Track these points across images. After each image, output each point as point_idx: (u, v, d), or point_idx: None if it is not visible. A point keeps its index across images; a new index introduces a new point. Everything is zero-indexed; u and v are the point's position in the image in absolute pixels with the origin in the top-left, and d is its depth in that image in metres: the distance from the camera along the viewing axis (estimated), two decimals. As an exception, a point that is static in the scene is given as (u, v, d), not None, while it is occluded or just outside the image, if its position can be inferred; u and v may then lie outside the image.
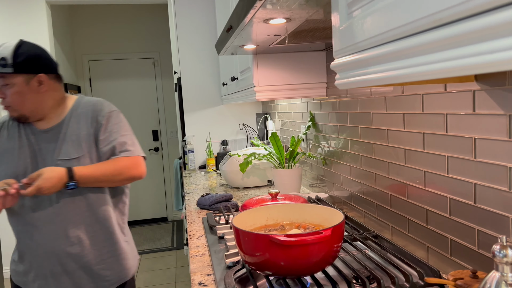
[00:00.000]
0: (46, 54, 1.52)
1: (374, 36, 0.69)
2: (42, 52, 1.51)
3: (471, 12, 0.46)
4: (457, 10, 0.48)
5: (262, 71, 1.90)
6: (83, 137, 1.51)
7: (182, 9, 3.30)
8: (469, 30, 0.47)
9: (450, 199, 1.06)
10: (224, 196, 2.01)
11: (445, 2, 0.49)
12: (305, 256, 0.98)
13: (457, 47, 0.50)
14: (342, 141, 1.76)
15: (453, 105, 1.02)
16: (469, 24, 0.47)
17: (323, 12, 1.07)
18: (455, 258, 1.07)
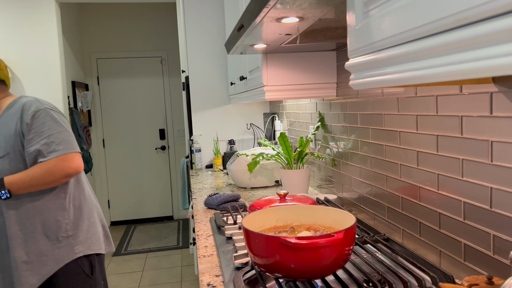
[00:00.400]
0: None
1: (392, 35, 0.67)
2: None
3: (498, 12, 0.45)
4: (483, 9, 0.46)
5: (271, 71, 1.88)
6: (8, 136, 1.56)
7: (191, 8, 3.29)
8: (495, 30, 0.45)
9: (465, 202, 1.04)
10: (232, 196, 2.00)
11: (471, 1, 0.47)
12: (316, 259, 0.96)
13: (482, 47, 0.48)
14: (351, 142, 1.74)
15: (469, 107, 1.00)
16: (495, 24, 0.45)
17: (337, 11, 1.06)
18: (469, 263, 1.05)
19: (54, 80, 4.03)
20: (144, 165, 5.50)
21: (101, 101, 5.43)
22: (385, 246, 1.31)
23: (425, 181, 1.21)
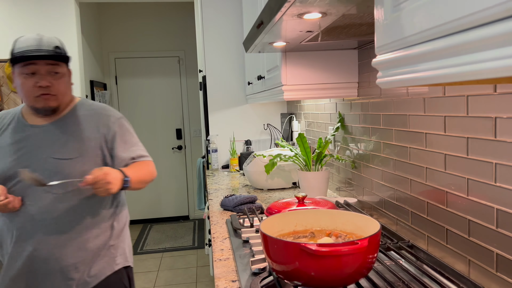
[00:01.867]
0: None
1: (426, 29, 0.62)
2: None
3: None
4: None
5: (290, 70, 1.83)
6: (84, 139, 1.49)
7: (209, 7, 3.26)
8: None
9: (498, 210, 0.98)
10: (249, 197, 1.96)
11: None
12: (338, 267, 0.91)
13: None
14: (373, 144, 1.68)
15: (504, 107, 0.94)
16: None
17: (362, 6, 1.01)
18: (502, 274, 0.98)
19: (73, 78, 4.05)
20: (161, 165, 5.51)
21: (119, 100, 5.46)
22: (410, 253, 1.25)
23: (455, 186, 1.15)
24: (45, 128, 1.49)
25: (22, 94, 1.43)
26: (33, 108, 1.46)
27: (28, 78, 1.40)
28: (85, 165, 1.47)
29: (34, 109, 1.46)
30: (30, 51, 1.38)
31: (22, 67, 1.39)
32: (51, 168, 1.44)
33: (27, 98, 1.43)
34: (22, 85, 1.41)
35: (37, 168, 1.42)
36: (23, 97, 1.44)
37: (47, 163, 1.44)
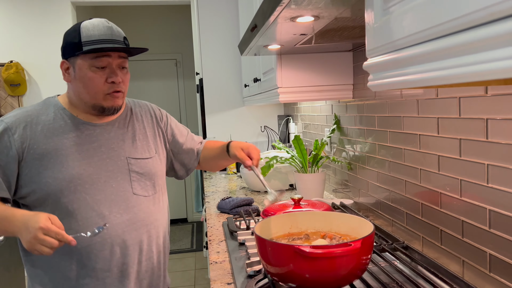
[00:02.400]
0: None
1: (414, 33, 0.63)
2: None
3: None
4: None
5: (286, 72, 1.84)
6: (150, 137, 1.35)
7: (205, 10, 3.27)
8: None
9: (490, 210, 0.98)
10: (245, 200, 1.96)
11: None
12: (332, 269, 0.92)
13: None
14: (368, 145, 1.69)
15: (495, 109, 0.95)
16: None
17: (354, 9, 1.01)
18: (495, 274, 0.99)
19: (69, 82, 4.06)
20: (159, 167, 5.51)
21: (116, 103, 5.46)
22: (404, 254, 1.25)
23: (448, 187, 1.15)
24: (106, 127, 1.27)
25: (87, 90, 1.19)
26: (96, 106, 1.21)
27: (98, 72, 1.17)
28: (162, 163, 1.36)
29: (98, 107, 1.22)
30: (106, 41, 1.16)
31: (93, 59, 1.16)
32: (136, 169, 1.26)
33: (95, 94, 1.19)
34: (90, 79, 1.17)
35: (118, 170, 1.24)
36: (86, 93, 1.20)
37: (129, 164, 1.26)
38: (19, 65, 3.90)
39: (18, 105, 3.98)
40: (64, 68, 1.21)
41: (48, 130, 1.19)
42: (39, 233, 1.02)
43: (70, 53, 1.18)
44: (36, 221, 1.03)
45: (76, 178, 1.18)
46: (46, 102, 1.27)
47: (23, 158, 1.16)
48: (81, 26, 1.17)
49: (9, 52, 3.95)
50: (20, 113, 1.21)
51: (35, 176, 1.16)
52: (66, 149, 1.19)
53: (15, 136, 1.16)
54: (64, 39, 1.20)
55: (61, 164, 1.17)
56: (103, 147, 1.24)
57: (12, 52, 3.95)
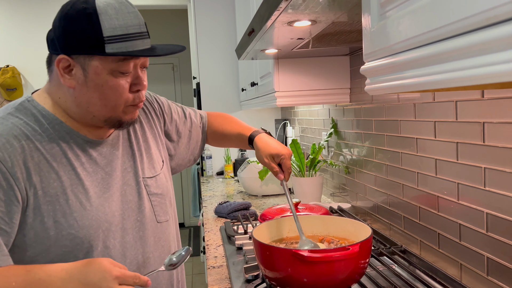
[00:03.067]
0: None
1: (411, 37, 0.63)
2: None
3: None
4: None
5: (283, 76, 1.84)
6: (152, 142, 1.08)
7: (202, 15, 3.28)
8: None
9: (488, 214, 0.99)
10: (243, 204, 1.96)
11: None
12: (330, 273, 0.92)
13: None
14: (366, 149, 1.69)
15: (492, 113, 0.95)
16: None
17: (351, 13, 1.02)
18: (493, 278, 0.99)
19: (66, 87, 4.05)
20: (156, 172, 5.50)
21: (113, 107, 5.46)
22: (402, 258, 1.25)
23: (446, 191, 1.15)
24: (112, 143, 0.99)
25: (105, 101, 0.88)
26: (111, 120, 0.92)
27: (122, 78, 0.87)
28: (167, 173, 1.12)
29: (113, 121, 0.92)
30: (135, 35, 0.85)
31: (118, 62, 0.85)
32: (154, 190, 1.03)
33: (114, 107, 0.89)
34: (113, 88, 0.87)
35: (139, 198, 0.99)
36: (102, 106, 0.89)
37: (145, 186, 1.01)
38: (15, 70, 3.90)
39: (14, 109, 3.97)
40: (64, 67, 0.85)
41: (52, 158, 0.87)
42: (115, 285, 0.77)
43: (82, 49, 0.83)
44: (103, 272, 0.78)
45: (104, 222, 0.90)
46: (24, 110, 0.88)
47: (28, 204, 0.83)
48: (99, 10, 0.81)
49: (6, 56, 3.95)
50: (1, 132, 0.83)
51: (51, 228, 0.84)
52: (82, 183, 0.89)
53: (13, 171, 0.81)
54: (66, 25, 0.83)
55: (82, 207, 0.87)
56: (117, 170, 0.97)
57: (8, 56, 3.95)
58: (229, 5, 3.28)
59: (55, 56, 0.86)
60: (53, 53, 0.88)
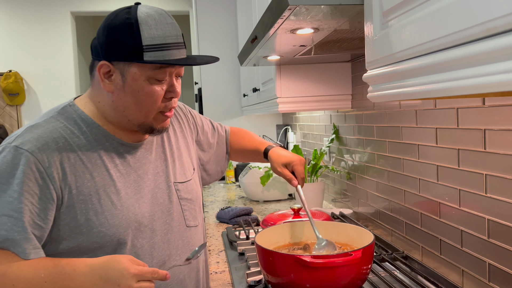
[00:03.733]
0: None
1: (412, 46, 0.64)
2: None
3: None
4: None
5: (285, 82, 1.86)
6: (184, 149, 1.13)
7: (204, 20, 3.30)
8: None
9: (489, 220, 0.99)
10: (244, 209, 1.96)
11: (502, 9, 0.43)
12: (333, 279, 0.92)
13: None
14: (367, 155, 1.70)
15: (493, 120, 0.96)
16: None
17: (353, 21, 1.03)
18: (494, 284, 0.99)
19: (69, 92, 4.08)
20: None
21: (115, 112, 5.47)
22: (404, 264, 1.26)
23: (447, 197, 1.16)
24: (146, 147, 1.03)
25: (140, 106, 0.92)
26: (144, 126, 0.96)
27: (158, 85, 0.92)
28: (198, 180, 1.17)
29: (146, 127, 0.97)
30: (172, 45, 0.90)
31: (155, 69, 0.90)
32: (185, 195, 1.07)
33: (147, 113, 0.94)
34: (148, 95, 0.91)
35: (169, 201, 1.03)
36: (137, 110, 0.93)
37: (177, 190, 1.05)
38: (18, 75, 3.92)
39: (16, 114, 3.99)
40: (104, 73, 0.91)
41: (88, 159, 0.92)
42: (133, 282, 0.80)
43: (122, 56, 0.88)
44: (122, 270, 0.81)
45: (133, 222, 0.94)
46: (65, 114, 0.94)
47: (63, 202, 0.88)
48: (140, 20, 0.87)
49: (8, 61, 3.97)
50: (41, 135, 0.88)
51: (83, 224, 0.89)
52: (114, 184, 0.93)
53: (50, 171, 0.86)
54: (110, 33, 0.89)
55: (113, 206, 0.92)
56: (149, 173, 1.01)
57: (11, 61, 3.98)
58: (231, 11, 3.30)
59: (97, 62, 0.91)
60: (95, 59, 0.93)
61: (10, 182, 0.83)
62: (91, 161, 0.92)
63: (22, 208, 0.82)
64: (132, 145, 0.99)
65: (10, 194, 0.83)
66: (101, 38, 0.90)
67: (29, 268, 0.81)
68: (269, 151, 1.25)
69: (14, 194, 0.82)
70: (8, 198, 0.82)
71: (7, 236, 0.81)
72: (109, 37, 0.88)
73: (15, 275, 0.80)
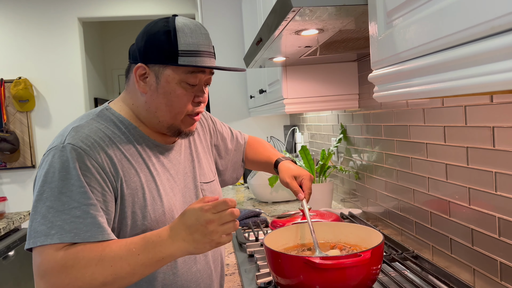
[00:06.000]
0: None
1: (418, 45, 0.64)
2: None
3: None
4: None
5: (291, 83, 1.86)
6: (208, 153, 1.22)
7: (210, 22, 3.31)
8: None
9: (500, 218, 0.98)
10: (253, 211, 1.96)
11: (508, 7, 0.43)
12: (342, 280, 0.92)
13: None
14: (375, 155, 1.69)
15: (501, 117, 0.95)
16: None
17: (358, 21, 1.03)
18: (506, 282, 0.98)
19: (77, 97, 4.11)
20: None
21: (123, 116, 5.52)
22: (414, 263, 1.25)
23: (457, 196, 1.15)
24: (176, 148, 1.10)
25: (170, 108, 0.98)
26: (173, 127, 1.02)
27: (189, 89, 0.98)
28: (218, 182, 1.25)
29: (174, 129, 1.03)
30: (204, 53, 0.97)
31: (188, 73, 0.96)
32: (209, 195, 1.13)
33: (176, 115, 0.99)
34: (179, 97, 0.97)
35: (193, 198, 1.10)
36: (167, 112, 0.99)
37: (202, 190, 1.12)
38: (27, 81, 3.96)
39: (26, 120, 4.03)
40: (140, 74, 0.97)
41: (131, 157, 0.98)
42: (211, 215, 0.84)
43: (158, 59, 0.95)
44: (195, 212, 0.85)
45: (170, 218, 1.00)
46: (103, 117, 1.00)
47: (117, 194, 0.94)
48: (177, 28, 0.94)
49: (18, 68, 4.02)
50: (89, 134, 0.94)
51: (128, 217, 0.95)
52: (155, 181, 1.00)
53: (103, 166, 0.92)
54: (148, 39, 0.96)
55: (155, 202, 0.98)
56: (180, 174, 1.07)
57: (20, 68, 4.02)
58: (236, 14, 3.31)
59: (133, 65, 0.99)
60: (132, 62, 1.00)
61: (72, 178, 0.87)
62: (134, 158, 0.98)
63: (93, 198, 0.88)
64: (165, 147, 1.06)
65: (80, 186, 0.87)
66: (139, 43, 0.97)
67: (120, 248, 0.85)
68: (279, 163, 1.29)
69: (81, 189, 0.87)
70: (79, 189, 0.87)
71: (93, 222, 0.86)
72: (147, 41, 0.95)
73: (110, 257, 0.84)
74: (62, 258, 0.83)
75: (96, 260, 0.83)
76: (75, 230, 0.84)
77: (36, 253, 0.85)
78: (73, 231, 0.84)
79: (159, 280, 0.98)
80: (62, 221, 0.85)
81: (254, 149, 1.40)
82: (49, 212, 0.85)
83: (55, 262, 0.83)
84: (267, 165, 1.35)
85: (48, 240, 0.83)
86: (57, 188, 0.87)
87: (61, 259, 0.83)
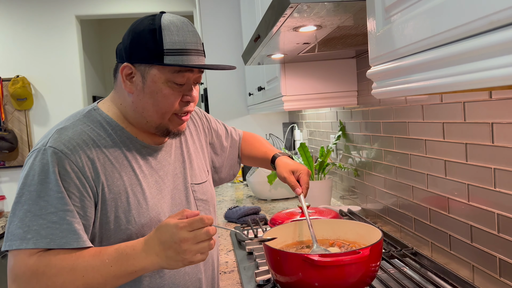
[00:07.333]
0: None
1: (416, 41, 0.63)
2: None
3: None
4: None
5: (290, 81, 1.85)
6: (200, 152, 1.18)
7: (208, 21, 3.30)
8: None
9: (499, 214, 0.98)
10: (252, 209, 1.96)
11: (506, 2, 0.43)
12: (341, 277, 0.92)
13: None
14: (374, 151, 1.69)
15: (500, 113, 0.95)
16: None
17: (356, 18, 1.02)
18: (505, 279, 0.98)
19: (75, 95, 4.11)
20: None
21: (122, 114, 5.51)
22: (413, 260, 1.25)
23: (456, 192, 1.15)
24: (166, 149, 1.07)
25: (157, 107, 0.96)
26: (161, 127, 0.99)
27: (176, 88, 0.95)
28: (211, 182, 1.22)
29: (162, 129, 1.00)
30: (191, 51, 0.93)
31: (174, 73, 0.93)
32: (200, 196, 1.11)
33: (163, 114, 0.97)
34: (165, 97, 0.95)
35: (186, 202, 1.07)
36: (154, 112, 0.96)
37: (193, 191, 1.10)
38: (25, 80, 3.95)
39: (25, 119, 4.02)
40: (126, 74, 0.95)
41: (115, 160, 0.95)
42: (186, 234, 0.82)
43: (144, 59, 0.92)
44: (170, 228, 0.83)
45: (156, 221, 0.97)
46: (91, 118, 0.98)
47: (98, 199, 0.92)
48: (162, 26, 0.91)
49: (16, 66, 4.01)
50: (72, 137, 0.91)
51: (112, 222, 0.93)
52: (140, 184, 0.97)
53: (83, 171, 0.90)
54: (134, 38, 0.93)
55: (140, 205, 0.96)
56: (169, 175, 1.05)
57: (18, 66, 4.01)
58: (235, 11, 3.30)
59: (120, 64, 0.96)
60: (119, 61, 0.98)
61: (51, 182, 0.86)
62: (118, 161, 0.95)
63: (70, 204, 0.86)
64: (153, 148, 1.03)
65: (57, 191, 0.86)
66: (125, 42, 0.95)
67: (93, 258, 0.84)
68: (276, 159, 1.28)
69: (59, 194, 0.86)
70: (56, 195, 0.86)
71: (69, 228, 0.85)
72: (133, 41, 0.93)
73: (82, 267, 0.83)
74: (33, 264, 0.82)
75: (68, 268, 0.82)
76: (50, 236, 0.83)
77: (10, 256, 0.85)
78: (49, 237, 0.83)
79: (145, 284, 0.96)
80: (39, 225, 0.84)
81: (250, 145, 1.39)
82: (26, 216, 0.84)
83: (26, 268, 0.82)
84: (263, 161, 1.34)
85: (24, 244, 0.83)
86: (35, 191, 0.85)
87: (33, 265, 0.82)
